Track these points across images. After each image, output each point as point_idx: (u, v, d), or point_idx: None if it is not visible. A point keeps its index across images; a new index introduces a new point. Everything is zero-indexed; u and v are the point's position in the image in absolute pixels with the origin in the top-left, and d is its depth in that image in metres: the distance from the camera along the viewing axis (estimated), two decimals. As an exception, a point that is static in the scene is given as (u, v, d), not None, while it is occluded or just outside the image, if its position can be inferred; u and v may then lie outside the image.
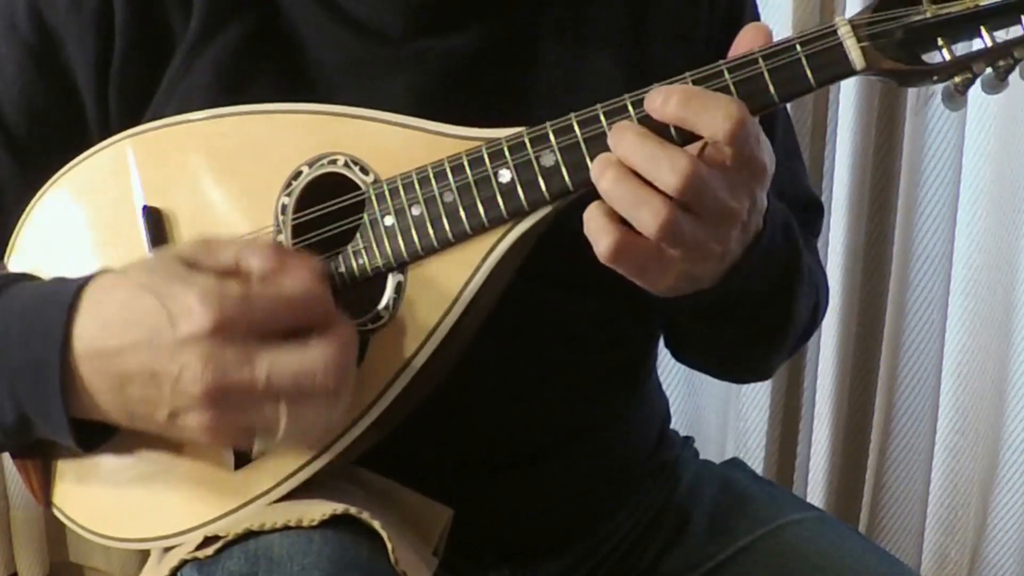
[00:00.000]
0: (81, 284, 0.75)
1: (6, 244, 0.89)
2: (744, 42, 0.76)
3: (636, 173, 0.72)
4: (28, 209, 0.88)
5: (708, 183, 0.72)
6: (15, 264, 0.88)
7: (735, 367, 1.04)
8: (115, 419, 0.76)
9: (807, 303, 0.95)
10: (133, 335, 0.71)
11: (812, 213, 1.08)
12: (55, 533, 1.90)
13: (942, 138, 1.56)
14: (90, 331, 0.73)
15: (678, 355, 1.06)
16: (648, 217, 0.71)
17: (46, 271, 0.86)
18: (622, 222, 0.73)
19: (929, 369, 1.66)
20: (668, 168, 0.71)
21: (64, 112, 0.89)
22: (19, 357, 0.75)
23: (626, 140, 0.73)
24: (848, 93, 1.55)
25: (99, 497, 0.84)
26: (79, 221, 0.86)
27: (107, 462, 0.83)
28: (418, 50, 0.88)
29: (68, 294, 0.74)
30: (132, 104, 0.88)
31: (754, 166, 0.74)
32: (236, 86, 0.87)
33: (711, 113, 0.71)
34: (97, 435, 0.78)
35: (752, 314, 0.88)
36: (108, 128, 0.88)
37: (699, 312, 0.87)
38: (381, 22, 0.88)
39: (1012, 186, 1.53)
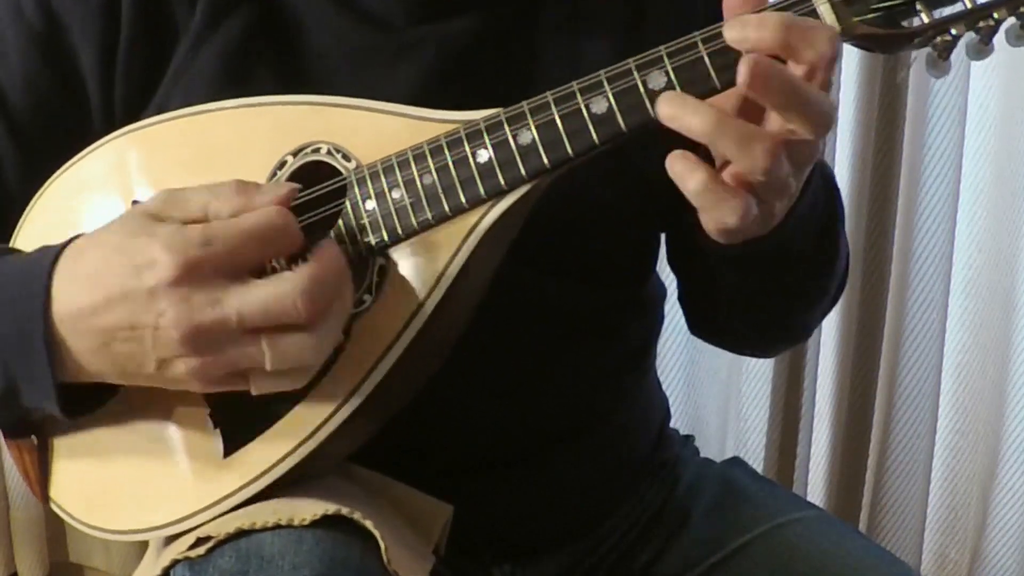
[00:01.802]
0: (59, 249, 0.76)
1: (9, 237, 0.89)
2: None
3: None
4: (29, 206, 0.88)
5: None
6: None
7: (779, 326, 1.01)
8: (109, 378, 0.76)
9: (844, 250, 0.94)
10: (106, 292, 0.72)
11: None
12: (55, 533, 1.90)
13: (942, 138, 1.56)
14: (67, 293, 0.74)
15: (714, 331, 1.04)
16: (759, 153, 0.70)
17: None
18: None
19: (929, 369, 1.66)
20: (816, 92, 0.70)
21: (68, 99, 0.90)
22: (4, 324, 0.76)
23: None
24: (848, 93, 1.55)
25: (95, 490, 0.84)
26: (78, 217, 0.87)
27: (102, 455, 0.83)
28: (419, 37, 0.88)
29: (47, 259, 0.75)
30: (136, 92, 0.88)
31: (831, 104, 0.73)
32: (240, 76, 0.87)
33: (814, 36, 0.70)
34: (83, 404, 0.79)
35: (804, 257, 0.87)
36: (112, 116, 0.89)
37: (753, 260, 0.84)
38: (383, 10, 0.89)
39: (1012, 186, 1.53)
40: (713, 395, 1.76)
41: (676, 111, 0.72)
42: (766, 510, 1.02)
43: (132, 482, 0.82)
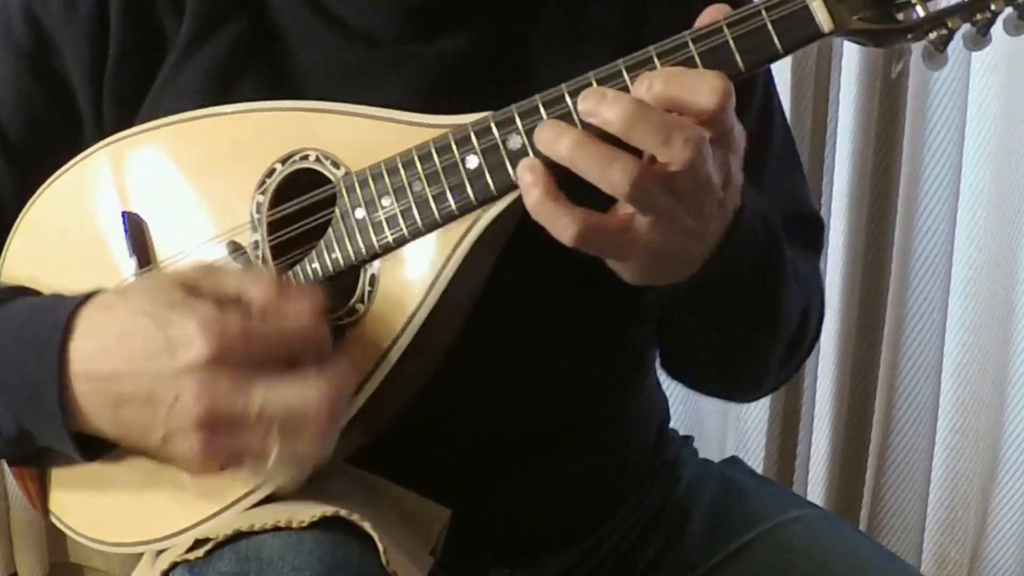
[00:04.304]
0: (78, 303, 0.75)
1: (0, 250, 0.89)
2: (706, 19, 0.75)
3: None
4: (19, 218, 0.88)
5: None
6: (7, 272, 0.89)
7: (728, 372, 1.01)
8: (110, 436, 0.77)
9: (795, 303, 0.93)
10: (130, 360, 0.72)
11: (813, 228, 1.06)
12: (55, 533, 1.90)
13: (942, 138, 1.56)
14: (86, 353, 0.74)
15: (672, 369, 1.04)
16: (619, 174, 0.69)
17: (37, 279, 0.86)
18: (576, 203, 0.72)
19: (929, 369, 1.66)
20: (648, 126, 0.69)
21: (60, 116, 0.90)
22: (17, 375, 0.76)
23: (614, 104, 0.71)
24: (848, 93, 1.55)
25: (94, 503, 0.84)
26: (66, 228, 0.87)
27: (101, 468, 0.83)
28: (409, 54, 0.88)
29: (63, 313, 0.75)
30: (126, 108, 0.88)
31: (731, 138, 0.73)
32: (226, 90, 0.87)
33: (699, 89, 0.70)
34: (99, 444, 0.79)
35: (740, 302, 0.86)
36: (103, 132, 0.88)
37: (689, 302, 0.85)
38: (371, 26, 0.88)
39: (1012, 186, 1.53)
40: (713, 395, 1.76)
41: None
42: (766, 509, 1.02)
43: (132, 496, 0.82)
